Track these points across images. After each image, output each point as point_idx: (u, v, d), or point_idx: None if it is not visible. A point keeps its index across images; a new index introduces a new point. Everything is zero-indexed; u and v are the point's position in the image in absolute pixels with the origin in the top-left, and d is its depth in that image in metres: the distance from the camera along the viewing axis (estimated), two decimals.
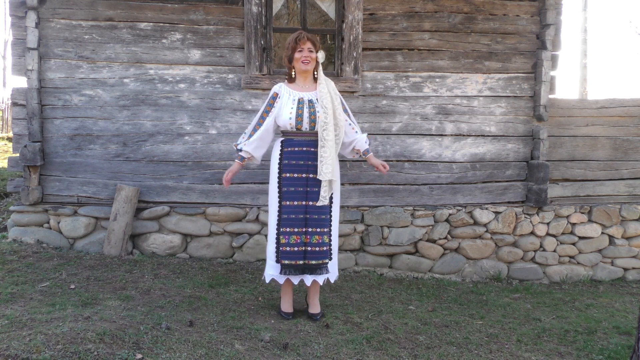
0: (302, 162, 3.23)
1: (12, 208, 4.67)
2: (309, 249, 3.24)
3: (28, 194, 4.51)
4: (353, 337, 3.05)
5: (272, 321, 3.26)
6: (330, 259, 3.32)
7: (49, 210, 4.61)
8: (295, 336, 3.02)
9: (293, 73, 3.35)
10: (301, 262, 3.23)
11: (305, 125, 3.22)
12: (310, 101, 3.25)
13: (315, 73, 3.33)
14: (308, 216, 3.23)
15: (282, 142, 3.31)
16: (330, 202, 3.30)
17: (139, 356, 2.47)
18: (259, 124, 3.31)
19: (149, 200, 4.66)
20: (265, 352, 2.75)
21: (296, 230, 3.22)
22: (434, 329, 3.33)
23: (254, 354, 2.70)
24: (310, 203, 3.23)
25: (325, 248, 3.27)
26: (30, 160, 4.46)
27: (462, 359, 2.91)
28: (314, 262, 3.25)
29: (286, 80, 3.40)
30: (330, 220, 3.31)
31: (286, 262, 3.23)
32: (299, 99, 3.25)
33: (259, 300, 3.65)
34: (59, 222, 4.61)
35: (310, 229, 3.23)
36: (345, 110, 3.39)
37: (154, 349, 2.58)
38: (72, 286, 3.58)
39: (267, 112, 3.31)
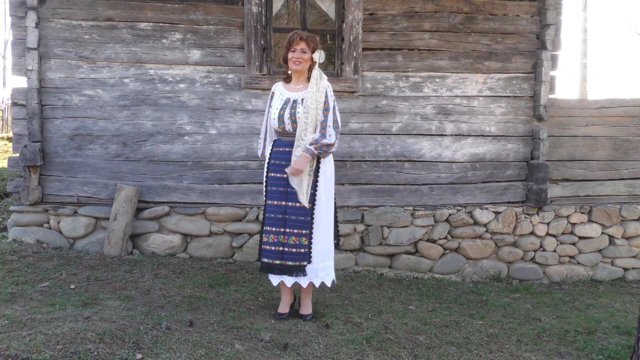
0: (284, 163, 3.22)
1: (12, 208, 4.67)
2: (286, 249, 3.21)
3: (28, 194, 4.51)
4: (353, 337, 3.04)
5: (272, 321, 3.25)
6: (309, 262, 3.24)
7: (49, 210, 4.61)
8: (295, 336, 3.02)
9: (289, 72, 3.35)
10: (278, 262, 3.22)
11: (288, 127, 3.22)
12: (294, 101, 3.23)
13: (309, 73, 3.26)
14: (287, 216, 3.21)
15: (274, 141, 3.35)
16: (313, 204, 3.22)
17: (139, 356, 2.47)
18: (267, 125, 3.40)
19: (149, 200, 4.66)
20: (265, 352, 2.75)
21: (274, 229, 3.22)
22: (434, 329, 3.33)
23: (254, 354, 2.70)
24: (290, 203, 3.21)
25: (303, 250, 3.21)
26: (30, 160, 4.46)
27: (462, 359, 2.91)
28: (290, 263, 3.22)
29: (283, 80, 3.40)
30: (312, 223, 3.23)
31: (265, 260, 3.24)
32: (286, 99, 3.26)
33: (259, 300, 3.65)
34: (59, 222, 4.61)
35: (288, 230, 3.21)
36: (325, 110, 3.20)
37: (154, 349, 2.58)
38: (72, 286, 3.57)
39: (268, 112, 3.37)
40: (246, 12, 4.56)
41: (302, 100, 3.21)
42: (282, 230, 3.21)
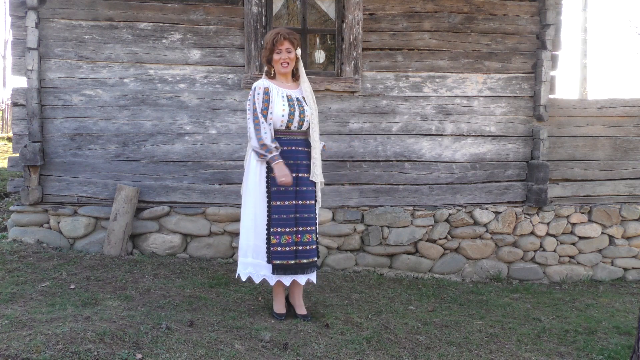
0: (291, 162, 3.20)
1: (12, 208, 4.67)
2: (300, 248, 3.23)
3: (28, 194, 4.51)
4: (353, 337, 3.04)
5: (272, 321, 3.25)
6: (318, 256, 3.34)
7: (49, 210, 4.61)
8: (295, 336, 3.02)
9: (272, 71, 3.27)
10: (292, 261, 3.22)
11: (295, 124, 3.20)
12: (298, 99, 3.23)
13: (295, 71, 3.29)
14: (298, 215, 3.22)
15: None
16: (315, 200, 3.32)
17: (139, 356, 2.47)
18: (263, 122, 3.12)
19: (149, 200, 4.66)
20: (265, 352, 2.75)
21: (287, 230, 3.21)
22: (434, 329, 3.33)
23: (254, 354, 2.70)
24: (300, 202, 3.23)
25: (314, 246, 3.29)
26: (30, 160, 4.46)
27: (462, 359, 2.91)
28: (305, 260, 3.24)
29: (265, 76, 3.29)
30: (315, 219, 3.33)
31: (278, 262, 3.20)
32: (287, 96, 3.20)
33: (259, 300, 3.65)
34: (59, 222, 4.61)
35: (301, 228, 3.22)
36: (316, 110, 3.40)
37: (154, 349, 2.58)
38: (72, 286, 3.57)
39: (265, 108, 3.13)
40: (246, 12, 4.56)
41: (304, 98, 3.25)
42: (294, 229, 3.22)
